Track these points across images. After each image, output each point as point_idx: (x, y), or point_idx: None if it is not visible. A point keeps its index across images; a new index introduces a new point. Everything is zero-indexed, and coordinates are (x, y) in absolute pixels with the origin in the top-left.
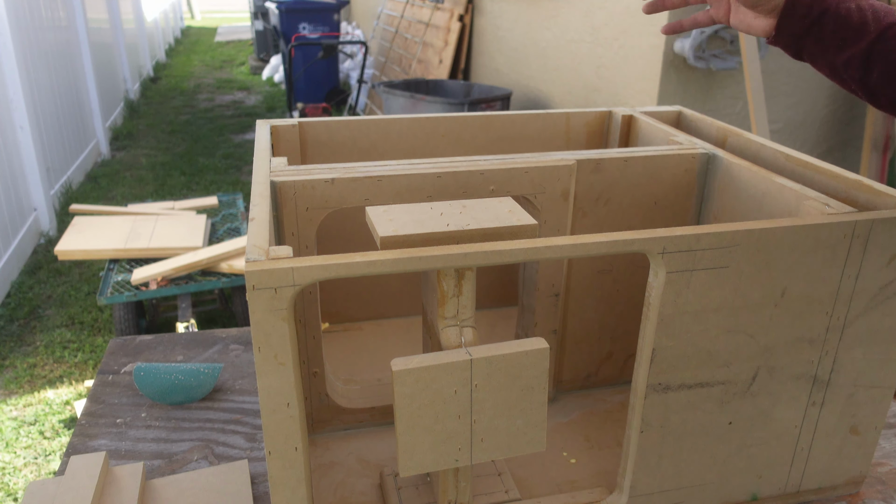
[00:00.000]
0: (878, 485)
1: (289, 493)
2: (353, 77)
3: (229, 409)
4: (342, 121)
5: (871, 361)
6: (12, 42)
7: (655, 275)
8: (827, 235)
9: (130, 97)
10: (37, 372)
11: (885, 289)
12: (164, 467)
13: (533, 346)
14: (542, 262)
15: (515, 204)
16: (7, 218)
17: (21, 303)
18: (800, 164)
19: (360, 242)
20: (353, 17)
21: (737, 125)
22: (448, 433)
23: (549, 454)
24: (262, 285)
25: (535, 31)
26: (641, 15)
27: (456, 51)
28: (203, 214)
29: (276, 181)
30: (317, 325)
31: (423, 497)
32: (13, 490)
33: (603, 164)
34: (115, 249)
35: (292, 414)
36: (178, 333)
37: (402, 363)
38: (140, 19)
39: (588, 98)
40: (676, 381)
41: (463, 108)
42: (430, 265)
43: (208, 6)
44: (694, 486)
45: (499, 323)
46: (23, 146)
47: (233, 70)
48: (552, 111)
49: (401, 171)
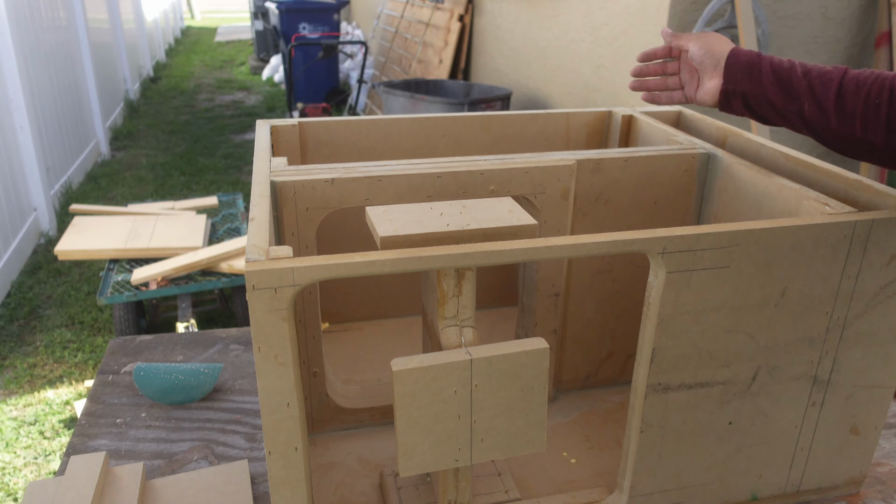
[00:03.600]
0: (878, 485)
1: (289, 493)
2: (353, 77)
3: (229, 409)
4: (342, 121)
5: (871, 361)
6: (12, 42)
7: (655, 275)
8: (827, 235)
9: (130, 97)
10: (37, 372)
11: (885, 289)
12: (164, 467)
13: (533, 346)
14: (542, 262)
15: (515, 204)
16: (7, 218)
17: (21, 303)
18: (800, 164)
19: (360, 242)
20: (353, 17)
21: (737, 125)
22: (448, 433)
23: (549, 454)
24: (262, 285)
25: (535, 31)
26: (641, 15)
27: (456, 51)
28: (203, 214)
29: (276, 181)
30: (317, 325)
31: (423, 497)
32: (13, 490)
33: (603, 164)
34: (115, 249)
35: (292, 414)
36: (178, 333)
37: (402, 363)
38: (140, 19)
39: (588, 98)
40: (676, 381)
41: (463, 108)
42: (430, 265)
43: (208, 6)
44: (694, 486)
45: (499, 323)
46: (23, 146)
47: (233, 70)
48: (552, 111)
49: (401, 171)
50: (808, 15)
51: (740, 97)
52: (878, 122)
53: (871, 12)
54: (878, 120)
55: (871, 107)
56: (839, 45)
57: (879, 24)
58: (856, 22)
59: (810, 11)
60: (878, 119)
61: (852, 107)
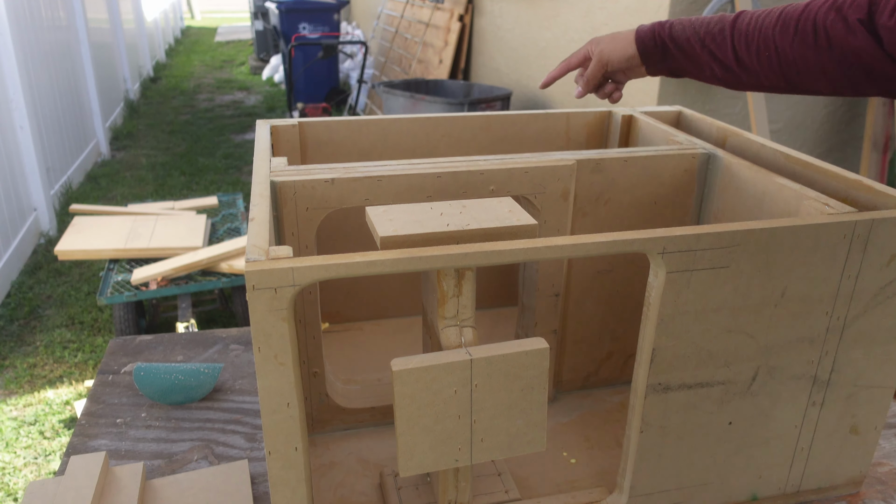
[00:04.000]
0: (878, 485)
1: (289, 493)
2: (353, 77)
3: (229, 409)
4: (342, 121)
5: (871, 361)
6: (12, 42)
7: (655, 275)
8: (827, 235)
9: (130, 97)
10: (37, 372)
11: (885, 289)
12: (164, 467)
13: (533, 346)
14: (542, 262)
15: (515, 204)
16: (7, 218)
17: (21, 303)
18: (800, 164)
19: (360, 242)
20: (353, 17)
21: (737, 125)
22: (448, 433)
23: (549, 454)
24: (262, 285)
25: (535, 31)
26: (641, 15)
27: (456, 51)
28: (203, 214)
29: (276, 181)
30: (317, 325)
31: (423, 497)
32: (13, 490)
33: (603, 164)
34: (115, 249)
35: (292, 414)
36: (178, 333)
37: (402, 363)
38: (140, 19)
39: (588, 98)
40: (676, 381)
41: (463, 108)
42: (430, 265)
43: (208, 6)
44: (694, 486)
45: (499, 323)
46: (23, 146)
47: (233, 70)
48: (552, 111)
49: (401, 171)
50: None
51: (666, 72)
52: (771, 69)
53: None
54: (771, 67)
55: (763, 60)
56: None
57: None
58: None
59: None
60: (771, 67)
61: (751, 63)
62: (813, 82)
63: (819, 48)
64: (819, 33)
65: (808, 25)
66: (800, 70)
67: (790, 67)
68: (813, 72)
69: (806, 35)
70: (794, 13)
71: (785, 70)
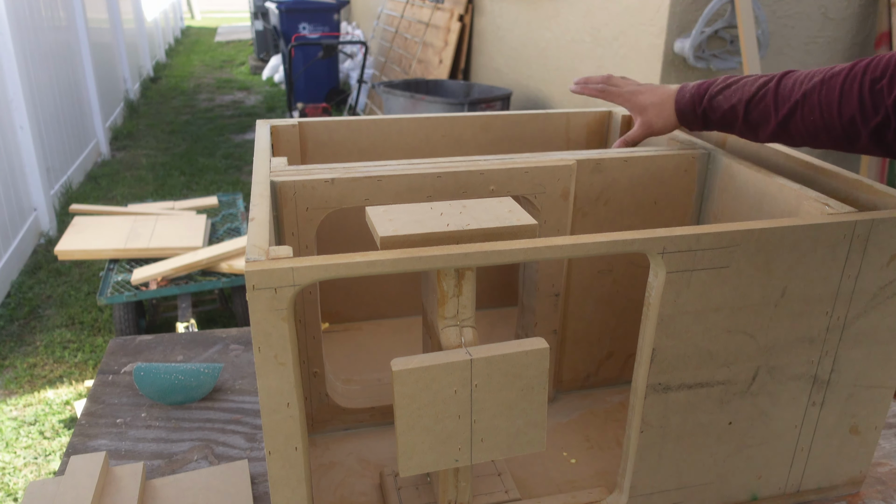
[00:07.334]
0: (878, 485)
1: (289, 493)
2: (353, 77)
3: (229, 409)
4: (342, 121)
5: (871, 361)
6: (12, 42)
7: (655, 275)
8: (827, 235)
9: (130, 97)
10: (37, 372)
11: (885, 289)
12: (164, 467)
13: (533, 346)
14: (542, 262)
15: (515, 204)
16: (7, 218)
17: (21, 303)
18: (800, 164)
19: (360, 242)
20: (353, 17)
21: None
22: (448, 433)
23: (549, 454)
24: (262, 285)
25: (535, 31)
26: (641, 15)
27: (456, 51)
28: (203, 214)
29: (276, 181)
30: (317, 325)
31: (423, 497)
32: (13, 490)
33: (603, 164)
34: (115, 249)
35: (292, 414)
36: (178, 333)
37: (402, 363)
38: (140, 19)
39: (588, 98)
40: (676, 381)
41: (463, 108)
42: (430, 265)
43: (208, 6)
44: (694, 486)
45: (499, 323)
46: (23, 146)
47: (233, 70)
48: (552, 111)
49: (401, 171)
50: (807, 15)
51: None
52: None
53: (871, 12)
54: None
55: (818, 128)
56: (839, 45)
57: (879, 24)
58: (856, 22)
59: (810, 11)
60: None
61: (798, 134)
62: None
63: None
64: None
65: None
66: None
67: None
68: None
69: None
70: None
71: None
